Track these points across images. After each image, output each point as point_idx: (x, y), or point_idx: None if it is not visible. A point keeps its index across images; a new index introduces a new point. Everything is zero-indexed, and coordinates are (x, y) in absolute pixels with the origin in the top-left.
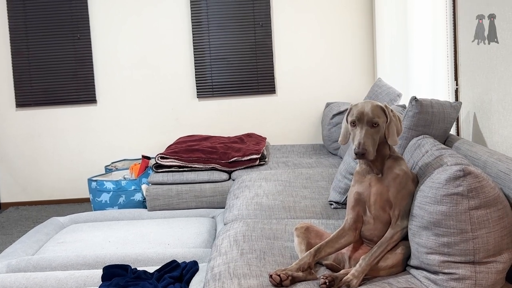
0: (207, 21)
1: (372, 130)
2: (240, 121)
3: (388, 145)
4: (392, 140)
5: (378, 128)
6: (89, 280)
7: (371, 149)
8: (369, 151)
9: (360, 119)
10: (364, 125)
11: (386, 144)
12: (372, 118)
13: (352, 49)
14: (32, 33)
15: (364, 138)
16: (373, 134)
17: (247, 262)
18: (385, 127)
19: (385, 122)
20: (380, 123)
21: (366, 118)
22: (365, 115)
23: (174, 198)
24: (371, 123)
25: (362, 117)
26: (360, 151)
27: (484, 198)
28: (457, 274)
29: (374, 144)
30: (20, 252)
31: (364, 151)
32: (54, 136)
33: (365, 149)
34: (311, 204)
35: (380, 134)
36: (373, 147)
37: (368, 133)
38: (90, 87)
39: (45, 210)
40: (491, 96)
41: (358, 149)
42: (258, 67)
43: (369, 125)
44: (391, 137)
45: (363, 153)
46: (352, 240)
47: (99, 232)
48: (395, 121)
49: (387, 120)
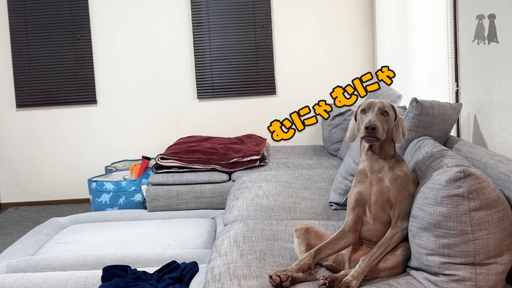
0: (207, 22)
1: (382, 117)
2: (240, 122)
3: (393, 144)
4: (398, 137)
5: (388, 118)
6: (89, 280)
7: (380, 128)
8: (379, 128)
9: (371, 107)
10: (375, 110)
11: (391, 142)
12: (383, 107)
13: (353, 50)
14: (33, 33)
15: (375, 117)
16: (383, 120)
17: (247, 263)
18: (393, 122)
19: (393, 117)
20: (390, 114)
21: (377, 106)
22: (376, 104)
23: (174, 199)
24: (381, 110)
25: (373, 105)
26: (371, 124)
27: (484, 200)
28: (457, 275)
29: (383, 128)
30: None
31: (375, 125)
32: (54, 137)
33: (376, 125)
34: (311, 205)
35: (388, 126)
36: (382, 129)
37: (378, 117)
38: (90, 87)
39: (45, 211)
40: (491, 98)
41: (369, 123)
42: (258, 68)
43: (379, 112)
44: (398, 135)
45: (374, 127)
46: (351, 241)
47: (99, 233)
48: (401, 122)
49: (395, 117)
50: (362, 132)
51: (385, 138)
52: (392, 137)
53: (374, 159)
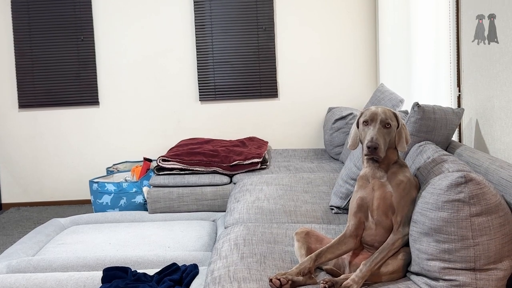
0: (210, 25)
1: (384, 130)
2: (242, 124)
3: (396, 151)
4: (401, 146)
5: (390, 130)
6: (89, 281)
7: (382, 146)
8: (380, 146)
9: (374, 119)
10: (377, 124)
11: (394, 150)
12: (385, 119)
13: (355, 54)
14: (36, 34)
15: (377, 134)
16: (385, 134)
17: (247, 266)
18: (395, 131)
19: (396, 127)
20: (392, 125)
21: (379, 118)
22: (378, 116)
23: (175, 201)
24: (384, 123)
25: (375, 117)
26: (373, 144)
27: (485, 205)
28: (457, 281)
29: (385, 143)
30: (21, 252)
31: (377, 145)
32: (56, 137)
33: (378, 144)
34: (312, 208)
35: (391, 137)
36: (384, 146)
37: (380, 132)
38: (93, 89)
39: (46, 211)
40: (493, 103)
41: (371, 143)
42: (260, 71)
43: (382, 125)
44: (401, 143)
45: (375, 147)
46: (352, 247)
47: (99, 234)
48: (404, 129)
49: (398, 125)
50: (365, 150)
51: (388, 146)
52: (395, 145)
53: (377, 165)
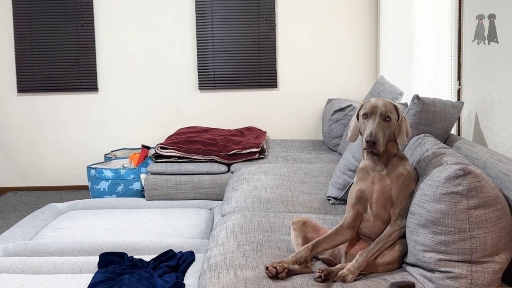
0: (211, 13)
1: (384, 123)
2: (241, 114)
3: (396, 144)
4: (401, 139)
5: (390, 123)
6: (85, 266)
7: (381, 140)
8: (380, 141)
9: (373, 112)
10: (377, 117)
11: (394, 142)
12: (385, 112)
13: (356, 46)
14: (36, 19)
15: (376, 128)
16: (385, 127)
17: (244, 253)
18: (395, 124)
19: (396, 120)
20: (392, 118)
21: (379, 111)
22: (378, 108)
23: (172, 189)
24: (384, 116)
25: (375, 110)
26: (372, 139)
27: (483, 198)
28: (453, 272)
29: (384, 137)
30: (17, 236)
31: (376, 139)
32: (54, 122)
33: (377, 138)
34: (309, 199)
35: (390, 131)
36: (383, 140)
37: (380, 125)
38: (92, 75)
39: (43, 196)
40: (493, 97)
41: (370, 137)
42: (260, 61)
43: (381, 118)
44: (401, 136)
45: (374, 142)
46: (349, 238)
47: (96, 220)
48: (405, 121)
49: (398, 118)
50: (363, 144)
51: (387, 139)
52: (395, 138)
53: (376, 158)
